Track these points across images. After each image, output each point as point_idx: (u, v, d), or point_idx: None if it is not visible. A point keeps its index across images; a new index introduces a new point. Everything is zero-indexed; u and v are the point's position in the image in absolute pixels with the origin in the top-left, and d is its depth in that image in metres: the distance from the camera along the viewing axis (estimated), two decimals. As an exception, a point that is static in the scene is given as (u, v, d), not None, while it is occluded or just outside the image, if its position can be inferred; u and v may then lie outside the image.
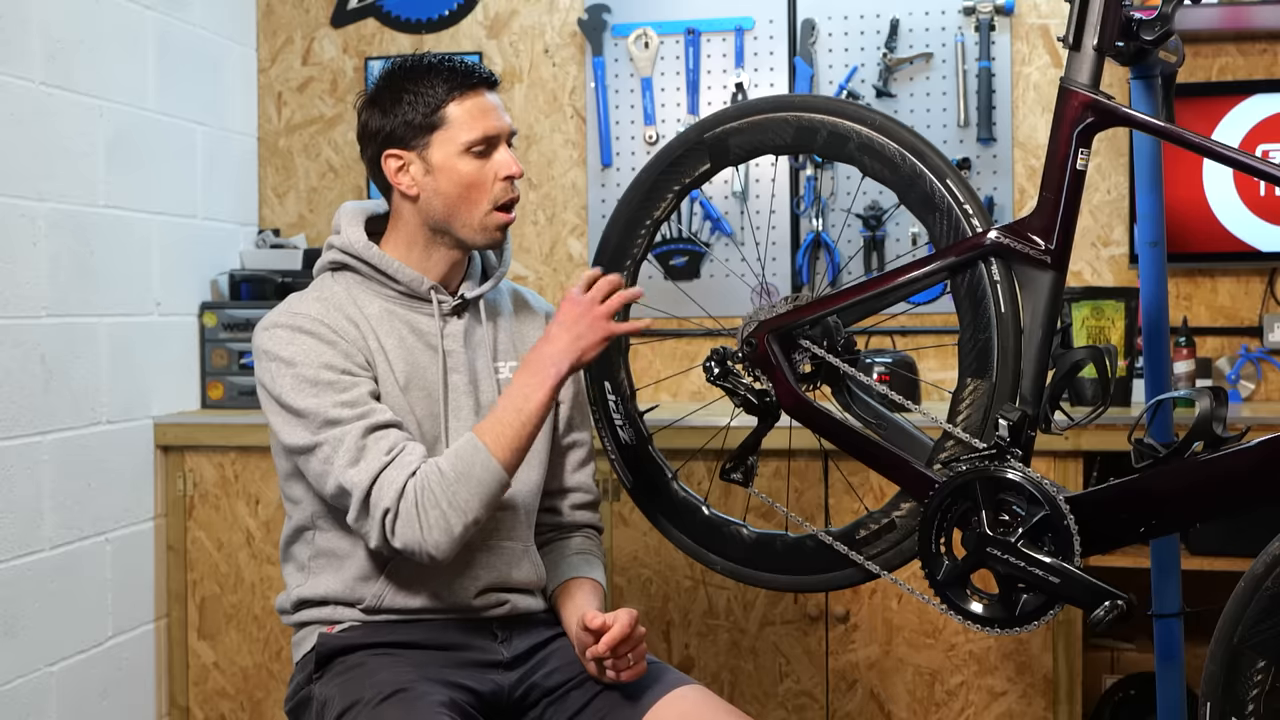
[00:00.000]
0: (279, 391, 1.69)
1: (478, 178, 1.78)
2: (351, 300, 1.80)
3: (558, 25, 3.18)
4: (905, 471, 1.73)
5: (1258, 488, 1.54)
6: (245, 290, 3.02)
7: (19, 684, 2.42)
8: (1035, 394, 1.66)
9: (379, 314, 1.80)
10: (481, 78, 1.79)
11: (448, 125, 1.76)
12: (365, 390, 1.70)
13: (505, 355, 1.89)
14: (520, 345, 1.91)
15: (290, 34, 3.31)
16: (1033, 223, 1.66)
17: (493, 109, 1.79)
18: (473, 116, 1.77)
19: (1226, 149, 1.60)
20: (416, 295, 1.82)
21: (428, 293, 1.81)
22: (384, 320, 1.80)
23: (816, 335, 1.84)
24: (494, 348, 1.88)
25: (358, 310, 1.79)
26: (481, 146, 1.77)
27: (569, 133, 3.18)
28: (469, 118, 1.76)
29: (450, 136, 1.76)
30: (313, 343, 1.71)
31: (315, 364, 1.69)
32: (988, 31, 2.94)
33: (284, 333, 1.72)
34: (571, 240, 3.18)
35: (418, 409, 1.78)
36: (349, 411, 1.67)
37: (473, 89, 1.77)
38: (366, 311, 1.79)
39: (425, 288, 1.81)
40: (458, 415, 1.81)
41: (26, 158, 2.45)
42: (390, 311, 1.81)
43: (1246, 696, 1.57)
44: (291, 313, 1.74)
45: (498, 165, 1.79)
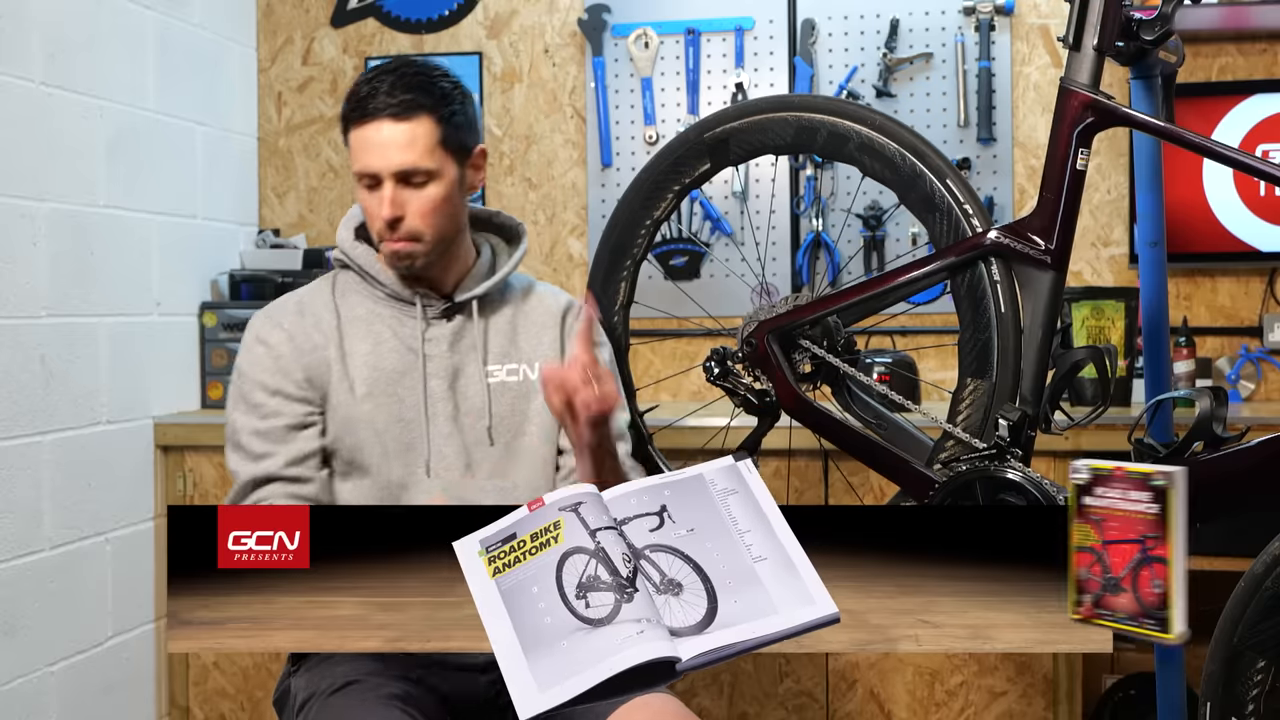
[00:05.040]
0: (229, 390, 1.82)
1: (366, 208, 1.77)
2: (335, 302, 1.83)
3: (558, 25, 3.18)
4: (905, 471, 1.73)
5: (1258, 488, 1.54)
6: (245, 290, 3.02)
7: (19, 684, 2.42)
8: (1035, 394, 1.66)
9: (364, 316, 1.82)
10: (373, 109, 1.71)
11: (350, 150, 1.76)
12: (283, 423, 1.76)
13: (502, 358, 1.86)
14: (525, 346, 1.87)
15: (290, 34, 3.31)
16: (1033, 223, 1.66)
17: (378, 145, 1.71)
18: (358, 149, 1.74)
19: (1226, 149, 1.60)
20: (402, 298, 1.82)
21: (412, 296, 1.81)
22: (365, 323, 1.81)
23: (816, 335, 1.84)
24: (485, 351, 1.85)
25: (334, 315, 1.81)
26: (367, 181, 1.74)
27: (569, 133, 3.18)
28: (357, 149, 1.74)
29: (352, 163, 1.76)
30: (263, 353, 1.78)
31: (253, 381, 1.78)
32: (988, 31, 2.94)
33: (253, 334, 1.81)
34: (571, 240, 3.18)
35: (380, 416, 1.78)
36: (256, 445, 1.75)
37: (367, 118, 1.72)
38: (351, 314, 1.82)
39: (409, 293, 1.81)
40: (434, 421, 1.80)
41: (26, 158, 2.45)
42: (376, 314, 1.82)
43: (1246, 696, 1.57)
44: (269, 314, 1.83)
45: (375, 203, 1.74)
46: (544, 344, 1.87)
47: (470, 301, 1.84)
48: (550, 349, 1.86)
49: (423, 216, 1.74)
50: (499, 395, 1.83)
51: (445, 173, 1.75)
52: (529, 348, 1.87)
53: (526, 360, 1.85)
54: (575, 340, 1.65)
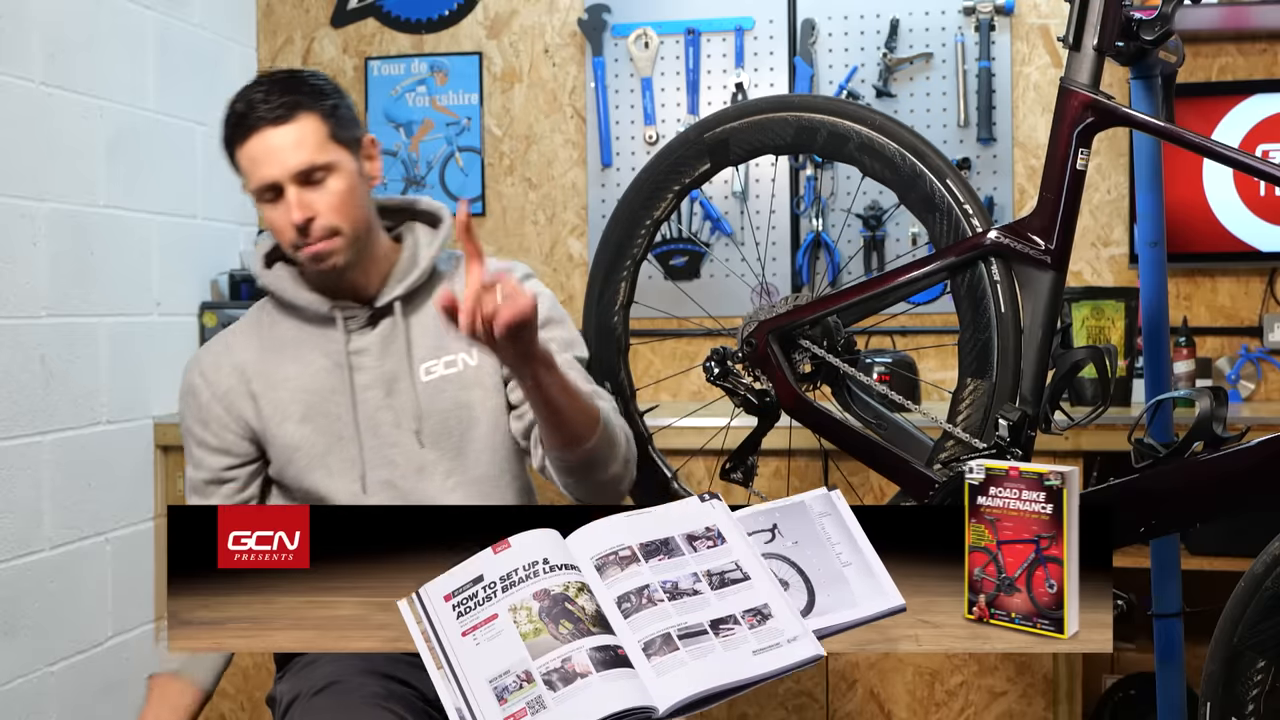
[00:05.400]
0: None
1: (272, 223, 1.72)
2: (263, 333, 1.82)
3: (558, 25, 3.18)
4: (905, 471, 1.73)
5: (1258, 488, 1.54)
6: (245, 290, 3.02)
7: (19, 684, 2.42)
8: (1035, 394, 1.66)
9: (291, 340, 1.81)
10: (251, 122, 1.68)
11: (241, 173, 1.73)
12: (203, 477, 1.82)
13: (434, 353, 1.80)
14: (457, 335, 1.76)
15: (290, 34, 3.31)
16: (1033, 223, 1.66)
17: (268, 153, 1.67)
18: (250, 166, 1.70)
19: (1226, 149, 1.59)
20: (323, 315, 1.79)
21: (331, 313, 1.78)
22: (293, 348, 1.80)
23: (816, 335, 1.84)
24: (409, 350, 1.80)
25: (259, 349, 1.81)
26: (268, 193, 1.70)
27: (569, 133, 3.18)
28: (249, 167, 1.70)
29: (248, 186, 1.72)
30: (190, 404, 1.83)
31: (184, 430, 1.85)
32: (988, 31, 2.94)
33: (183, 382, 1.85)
34: (571, 240, 3.18)
35: (320, 440, 1.77)
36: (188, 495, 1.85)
37: (247, 133, 1.69)
38: (279, 341, 1.81)
39: (326, 309, 1.78)
40: (375, 432, 1.77)
41: (26, 158, 2.45)
42: (302, 337, 1.80)
43: (1246, 696, 1.57)
44: (197, 360, 1.85)
45: (280, 212, 1.70)
46: None
47: (393, 303, 1.79)
48: None
49: (334, 211, 1.69)
50: (439, 391, 1.79)
51: (343, 165, 1.71)
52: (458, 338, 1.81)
53: (463, 348, 1.80)
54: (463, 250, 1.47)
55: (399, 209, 1.89)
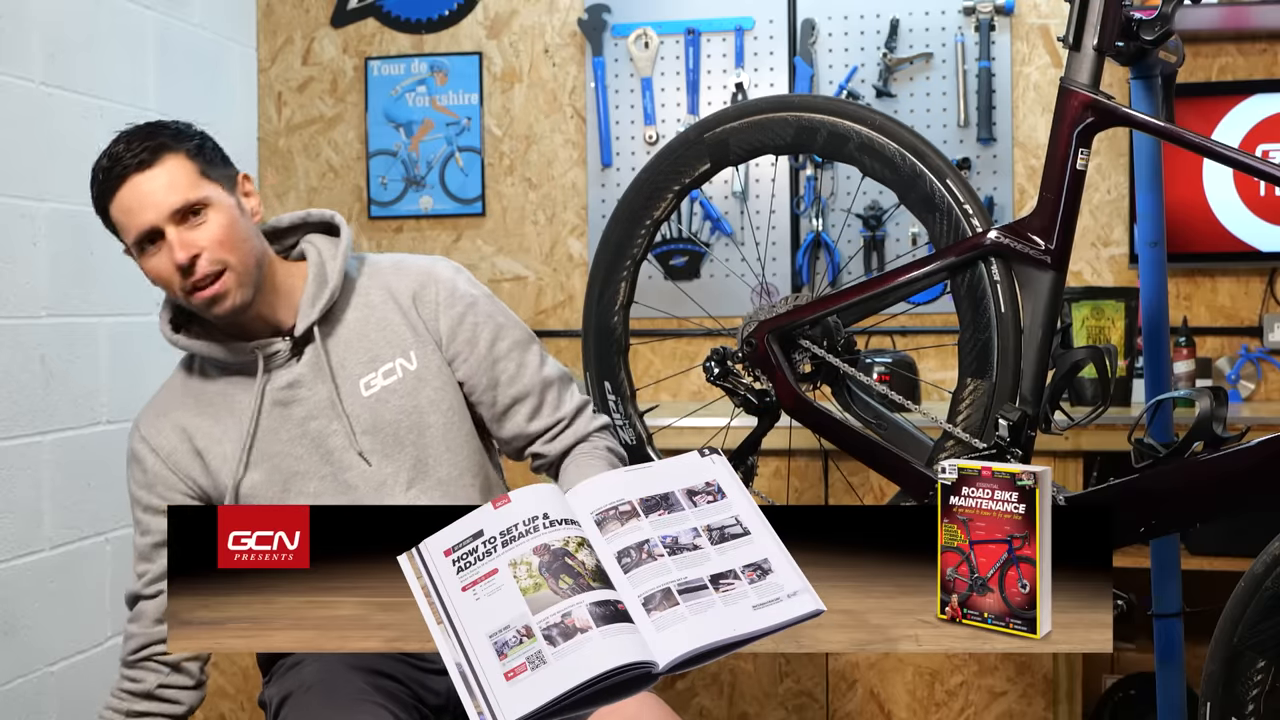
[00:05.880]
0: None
1: (158, 272, 1.66)
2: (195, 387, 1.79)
3: (558, 25, 3.18)
4: (905, 471, 1.73)
5: (1258, 488, 1.54)
6: (245, 290, 3.02)
7: (19, 684, 2.42)
8: (1035, 394, 1.66)
9: (221, 389, 1.76)
10: (119, 172, 1.64)
11: (120, 230, 1.68)
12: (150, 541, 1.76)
13: (369, 366, 1.76)
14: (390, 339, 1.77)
15: (290, 34, 3.31)
16: (1033, 223, 1.66)
17: (140, 199, 1.63)
18: (125, 215, 1.65)
19: (1226, 149, 1.59)
20: (245, 358, 1.74)
21: (252, 354, 1.73)
22: (224, 397, 1.76)
23: (816, 335, 1.84)
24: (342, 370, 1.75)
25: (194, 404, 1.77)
26: (147, 240, 1.64)
27: (569, 133, 3.18)
28: (123, 218, 1.65)
29: (126, 242, 1.68)
30: (134, 470, 1.78)
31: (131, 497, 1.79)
32: (988, 31, 2.94)
33: (128, 448, 1.80)
34: (571, 240, 3.18)
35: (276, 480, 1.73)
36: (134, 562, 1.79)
37: (116, 184, 1.65)
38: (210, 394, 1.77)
39: (248, 353, 1.73)
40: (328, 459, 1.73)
41: (26, 158, 2.45)
42: (232, 387, 1.76)
43: (1246, 696, 1.57)
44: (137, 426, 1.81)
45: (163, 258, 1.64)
46: (405, 333, 1.77)
47: (312, 329, 1.73)
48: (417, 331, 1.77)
49: (218, 245, 1.64)
50: (384, 403, 1.75)
51: (219, 200, 1.66)
52: (395, 339, 1.76)
53: (399, 353, 1.77)
54: None
55: (292, 226, 1.85)
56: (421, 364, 1.77)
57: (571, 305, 3.15)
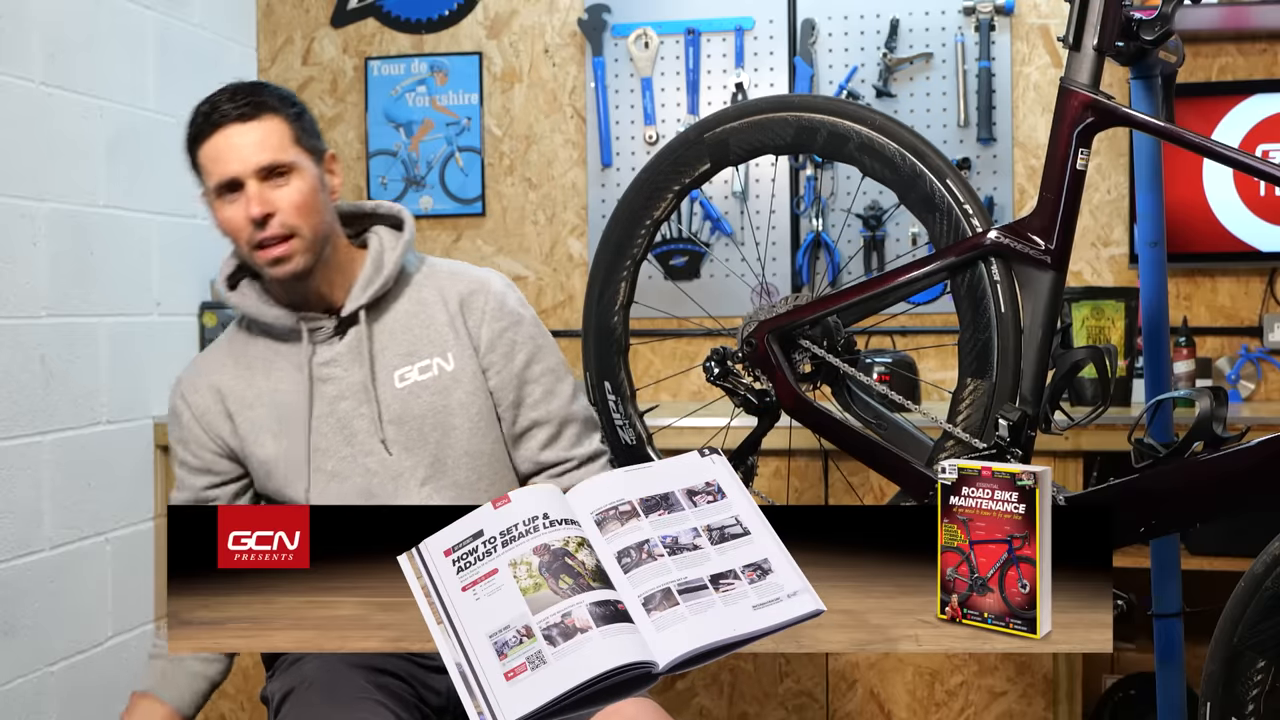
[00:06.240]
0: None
1: (230, 222, 1.71)
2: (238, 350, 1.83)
3: (558, 25, 3.18)
4: (905, 471, 1.73)
5: (1258, 487, 1.54)
6: (245, 290, 3.02)
7: (19, 684, 2.42)
8: (1035, 394, 1.66)
9: (263, 356, 1.81)
10: (217, 119, 1.70)
11: (202, 172, 1.73)
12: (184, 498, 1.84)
13: (407, 359, 1.79)
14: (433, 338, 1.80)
15: (290, 34, 3.31)
16: (1033, 223, 1.66)
17: (231, 149, 1.69)
18: (210, 159, 1.70)
19: (1226, 149, 1.59)
20: (290, 328, 1.79)
21: (297, 325, 1.78)
22: (265, 363, 1.81)
23: (816, 335, 1.84)
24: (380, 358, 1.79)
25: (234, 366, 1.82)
26: (226, 190, 1.70)
27: (569, 133, 3.18)
28: (208, 163, 1.70)
29: (207, 184, 1.73)
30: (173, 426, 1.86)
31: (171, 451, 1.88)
32: (988, 31, 2.94)
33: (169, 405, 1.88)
34: (571, 240, 3.18)
35: (297, 451, 1.77)
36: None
37: (213, 129, 1.70)
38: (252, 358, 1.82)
39: (292, 322, 1.78)
40: (350, 441, 1.77)
41: (26, 158, 2.45)
42: (273, 351, 1.81)
43: (1246, 696, 1.57)
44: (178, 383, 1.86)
45: (239, 208, 1.69)
46: (450, 333, 1.80)
47: (359, 312, 1.78)
48: (459, 336, 1.80)
49: (294, 210, 1.69)
50: (415, 397, 1.78)
51: (305, 168, 1.72)
52: (437, 338, 1.80)
53: (438, 352, 1.80)
54: None
55: (361, 215, 1.88)
56: (458, 367, 1.80)
57: (571, 305, 3.15)
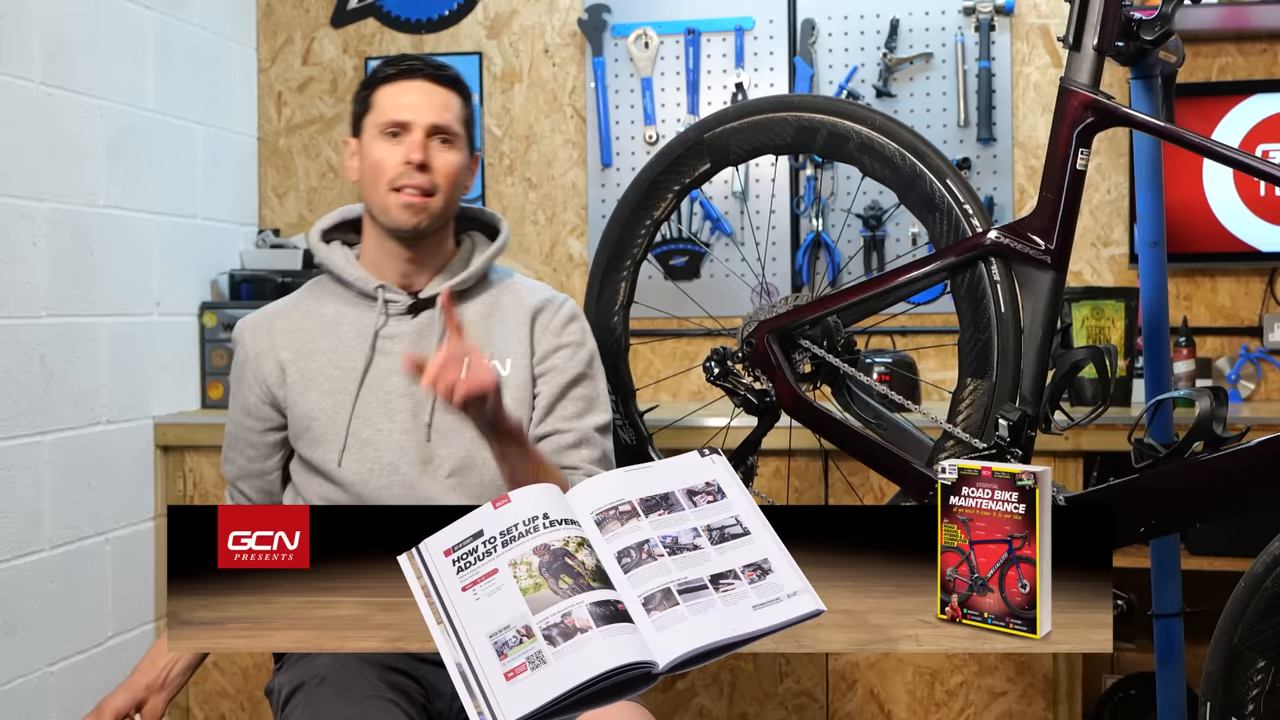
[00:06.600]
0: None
1: (383, 159, 1.79)
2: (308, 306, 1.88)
3: (558, 25, 3.18)
4: (905, 471, 1.74)
5: (1258, 487, 1.54)
6: (245, 290, 3.02)
7: (19, 684, 2.42)
8: (1035, 394, 1.66)
9: (333, 316, 1.86)
10: (417, 69, 1.81)
11: (373, 108, 1.81)
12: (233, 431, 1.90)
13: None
14: (497, 342, 1.85)
15: (290, 34, 3.31)
16: (1033, 223, 1.66)
17: (415, 98, 1.79)
18: (391, 100, 1.80)
19: (1226, 149, 1.60)
20: (367, 294, 1.85)
21: (375, 292, 1.84)
22: (333, 323, 1.85)
23: (816, 335, 1.84)
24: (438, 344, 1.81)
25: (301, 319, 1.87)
26: (394, 130, 1.78)
27: (569, 133, 3.18)
28: (388, 101, 1.80)
29: (373, 119, 1.81)
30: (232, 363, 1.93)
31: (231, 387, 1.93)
32: (988, 31, 2.94)
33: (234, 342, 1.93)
34: (571, 240, 3.18)
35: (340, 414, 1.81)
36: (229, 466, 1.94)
37: (405, 76, 1.80)
38: (321, 315, 1.86)
39: (372, 286, 1.84)
40: (392, 417, 1.80)
41: (26, 158, 2.45)
42: (343, 314, 1.86)
43: (1246, 696, 1.57)
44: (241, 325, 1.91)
45: (403, 149, 1.78)
46: (515, 340, 1.85)
47: (435, 298, 1.83)
48: (521, 345, 1.85)
49: (445, 173, 1.79)
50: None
51: (463, 146, 1.82)
52: (501, 342, 1.85)
53: (498, 356, 1.84)
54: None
55: (464, 216, 1.95)
56: (513, 373, 1.84)
57: (571, 305, 3.15)
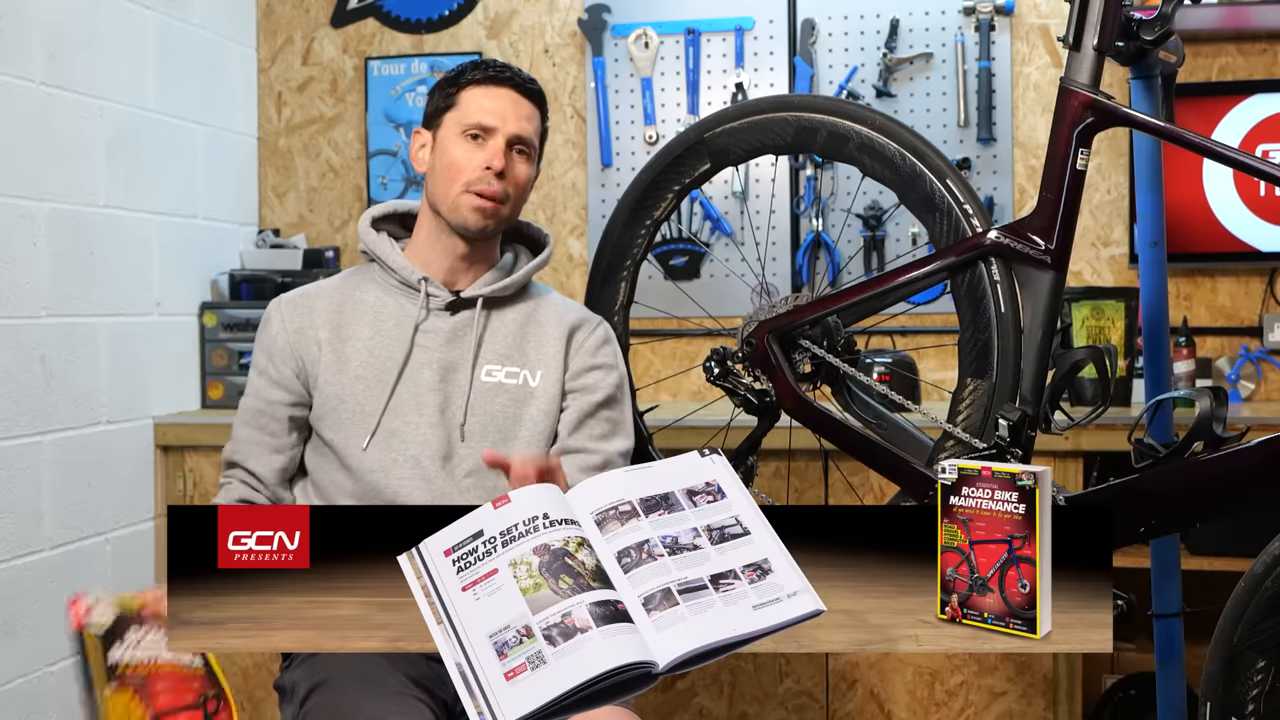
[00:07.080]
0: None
1: (463, 159, 1.82)
2: (348, 291, 1.89)
3: (558, 25, 3.18)
4: (905, 471, 1.73)
5: (1258, 488, 1.54)
6: (245, 290, 3.02)
7: (19, 684, 2.42)
8: (1035, 394, 1.66)
9: (372, 303, 1.88)
10: (507, 77, 1.85)
11: (457, 107, 1.84)
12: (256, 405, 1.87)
13: (505, 359, 1.86)
14: (531, 352, 1.87)
15: (290, 34, 3.31)
16: (1033, 223, 1.66)
17: (504, 105, 1.83)
18: (478, 103, 1.83)
19: (1226, 149, 1.60)
20: (409, 285, 1.86)
21: (418, 283, 1.85)
22: (372, 310, 1.87)
23: (816, 335, 1.84)
24: (477, 349, 1.85)
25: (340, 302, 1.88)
26: (476, 132, 1.82)
27: (569, 133, 3.18)
28: (475, 104, 1.83)
29: (456, 117, 1.84)
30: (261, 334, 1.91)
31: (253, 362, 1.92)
32: (988, 31, 2.94)
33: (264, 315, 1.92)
34: (571, 240, 3.18)
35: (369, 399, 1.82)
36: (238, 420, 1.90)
37: (494, 83, 1.84)
38: (360, 301, 1.88)
39: (415, 278, 1.86)
40: (420, 410, 1.82)
41: (26, 158, 2.45)
42: (383, 302, 1.88)
43: (1246, 696, 1.57)
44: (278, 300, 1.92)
45: (485, 154, 1.81)
46: (549, 354, 1.87)
47: (477, 298, 1.86)
48: (554, 359, 1.87)
49: (518, 184, 1.84)
50: (493, 395, 1.84)
51: (535, 160, 1.88)
52: (534, 354, 1.87)
53: (530, 366, 1.86)
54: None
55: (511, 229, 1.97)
56: (542, 385, 1.86)
57: (571, 305, 3.15)
